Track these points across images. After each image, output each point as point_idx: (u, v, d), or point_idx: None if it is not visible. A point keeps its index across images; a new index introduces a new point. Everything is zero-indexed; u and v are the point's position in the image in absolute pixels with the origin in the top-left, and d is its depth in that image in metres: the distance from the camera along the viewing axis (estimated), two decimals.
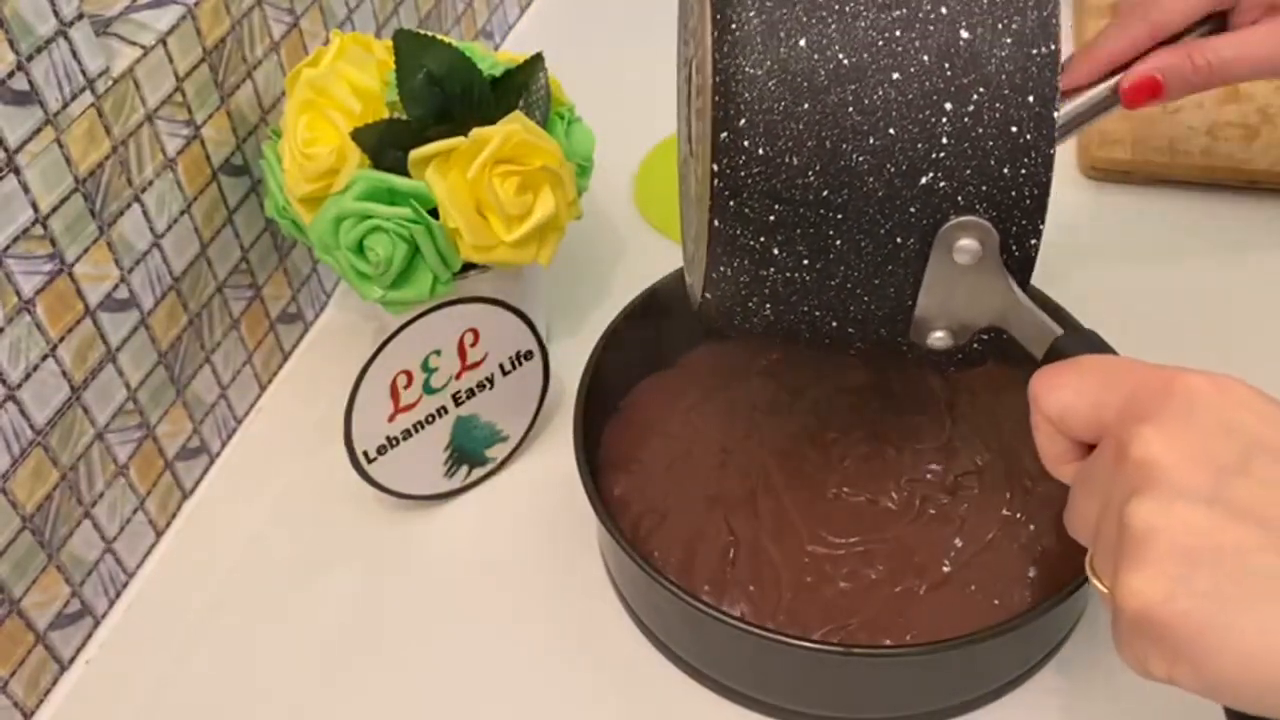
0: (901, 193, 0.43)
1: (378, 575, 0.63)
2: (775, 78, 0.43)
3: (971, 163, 0.43)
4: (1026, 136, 0.43)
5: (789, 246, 0.45)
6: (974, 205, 0.44)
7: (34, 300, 0.53)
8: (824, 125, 0.43)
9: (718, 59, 0.43)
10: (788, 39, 0.43)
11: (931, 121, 0.43)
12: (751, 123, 0.43)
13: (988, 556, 0.57)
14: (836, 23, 0.43)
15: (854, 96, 0.42)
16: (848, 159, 0.43)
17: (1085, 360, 0.42)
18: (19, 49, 0.50)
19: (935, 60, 0.42)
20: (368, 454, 0.61)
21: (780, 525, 0.59)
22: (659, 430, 0.64)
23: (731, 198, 0.44)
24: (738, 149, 0.43)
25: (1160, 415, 0.37)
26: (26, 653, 0.57)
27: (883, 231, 0.44)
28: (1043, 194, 0.44)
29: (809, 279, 0.46)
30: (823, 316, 0.48)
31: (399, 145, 0.60)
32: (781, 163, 0.43)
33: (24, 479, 0.55)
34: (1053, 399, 0.41)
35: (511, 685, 0.58)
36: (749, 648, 0.53)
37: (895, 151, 0.43)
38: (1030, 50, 0.42)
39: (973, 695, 0.55)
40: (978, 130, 0.43)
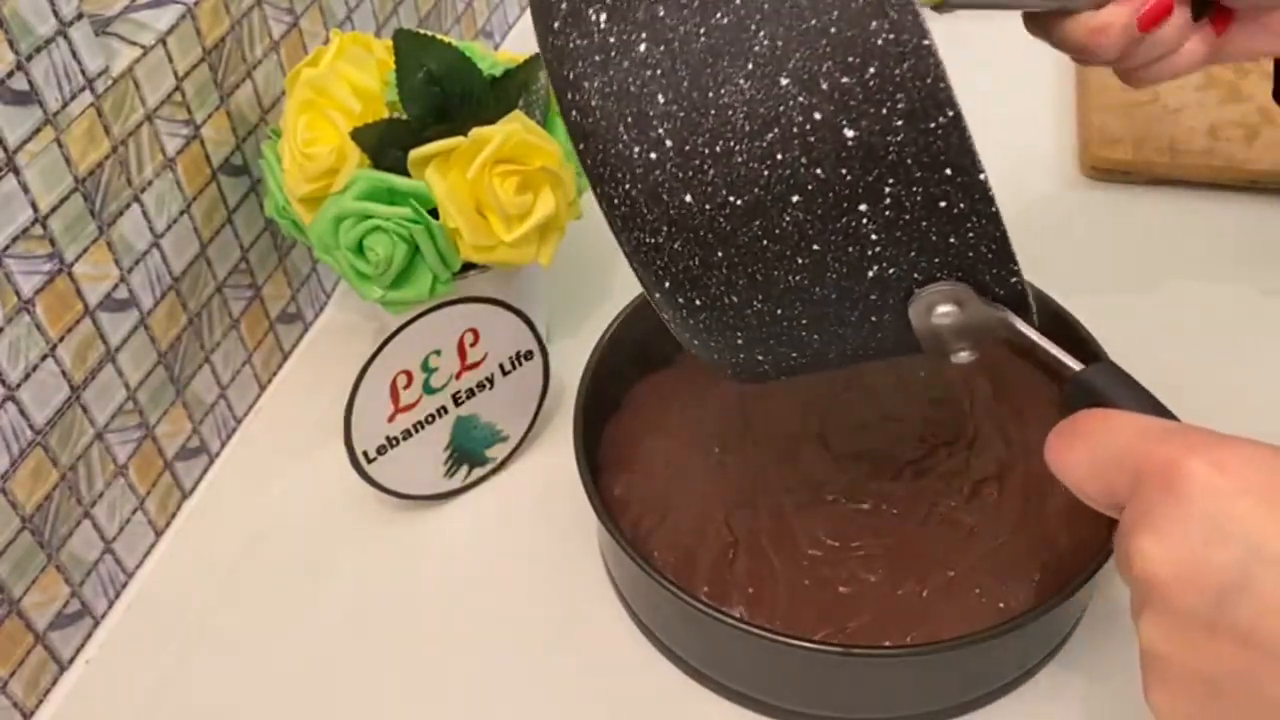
0: (854, 289, 0.42)
1: (378, 575, 0.63)
2: (678, 240, 0.41)
3: (913, 246, 0.40)
4: (960, 207, 0.39)
5: (770, 353, 0.45)
6: (934, 275, 0.41)
7: (33, 300, 0.53)
8: (746, 263, 0.41)
9: (618, 234, 0.42)
10: (671, 199, 0.40)
11: (853, 227, 0.40)
12: (676, 283, 0.42)
13: (996, 561, 0.56)
14: (714, 167, 0.40)
15: (763, 230, 0.40)
16: (784, 282, 0.41)
17: (1091, 428, 0.40)
18: (19, 49, 0.50)
19: (830, 170, 0.39)
20: (368, 454, 0.61)
21: (779, 527, 0.58)
22: (658, 429, 0.64)
23: (693, 339, 0.44)
24: (674, 304, 0.43)
25: (1158, 521, 0.35)
26: (26, 653, 0.57)
27: (853, 318, 0.43)
28: (1002, 244, 0.41)
29: (806, 360, 0.46)
30: (840, 362, 0.47)
31: (399, 145, 0.60)
32: (723, 305, 0.42)
33: (23, 479, 0.54)
34: (1067, 475, 0.40)
35: (511, 685, 0.58)
36: (749, 648, 0.53)
37: (829, 261, 0.41)
38: (926, 125, 0.38)
39: (973, 696, 0.55)
40: (904, 218, 0.39)
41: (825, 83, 0.38)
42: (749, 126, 0.39)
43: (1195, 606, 0.34)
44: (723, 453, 0.62)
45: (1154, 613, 0.35)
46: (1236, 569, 0.33)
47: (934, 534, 0.58)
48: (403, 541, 0.64)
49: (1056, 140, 0.85)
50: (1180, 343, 0.70)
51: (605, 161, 0.41)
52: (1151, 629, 0.35)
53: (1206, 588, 0.34)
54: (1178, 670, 0.34)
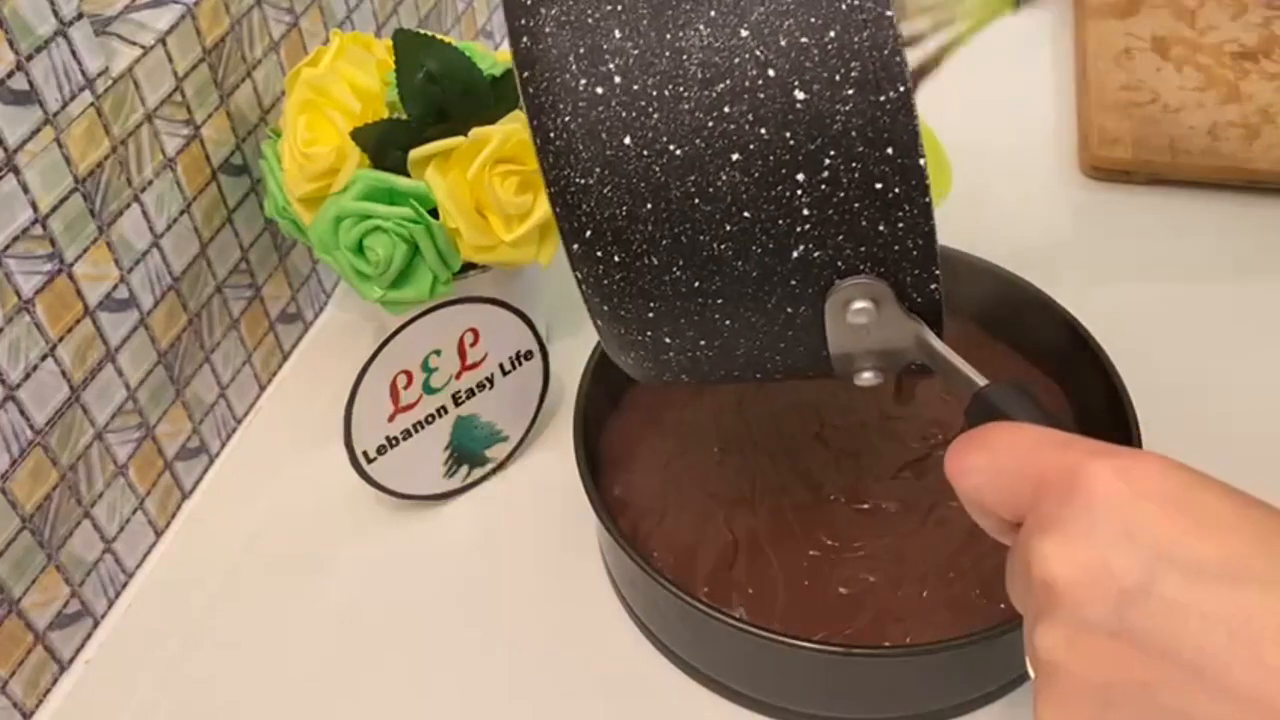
0: (776, 270, 0.40)
1: (377, 575, 0.63)
2: (609, 184, 0.39)
3: (841, 229, 0.39)
4: (895, 191, 0.39)
5: (680, 334, 0.43)
6: (857, 266, 0.40)
7: (33, 300, 0.53)
8: (673, 221, 0.40)
9: (546, 170, 0.40)
10: (610, 139, 0.39)
11: (786, 196, 0.39)
12: (598, 232, 0.40)
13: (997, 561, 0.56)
14: (659, 111, 0.39)
15: (696, 187, 0.39)
16: (708, 249, 0.40)
17: (995, 437, 0.38)
18: (19, 49, 0.50)
19: (774, 131, 0.38)
20: (367, 454, 0.61)
21: (779, 527, 0.58)
22: (657, 429, 0.64)
23: (604, 303, 0.42)
24: (592, 258, 0.41)
25: (1060, 524, 0.34)
26: (26, 653, 0.57)
27: (770, 305, 0.42)
28: (929, 242, 0.40)
29: (712, 354, 0.44)
30: (744, 374, 0.46)
31: (399, 145, 0.60)
32: (642, 265, 0.41)
33: (23, 479, 0.54)
34: (965, 482, 0.38)
35: (511, 685, 0.58)
36: (749, 648, 0.53)
37: (756, 233, 0.40)
38: (877, 97, 0.38)
39: (973, 695, 0.55)
40: (839, 195, 0.39)
41: (784, 39, 0.38)
42: (701, 74, 0.38)
43: (1097, 611, 0.32)
44: (722, 453, 0.62)
45: (1052, 619, 0.33)
46: (1141, 571, 0.32)
47: (935, 534, 0.58)
48: (403, 541, 0.64)
49: (1056, 140, 0.85)
50: (1180, 342, 0.70)
51: (549, 91, 0.39)
52: (1047, 636, 0.33)
53: (1109, 592, 0.32)
54: (1071, 680, 0.32)
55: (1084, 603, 0.32)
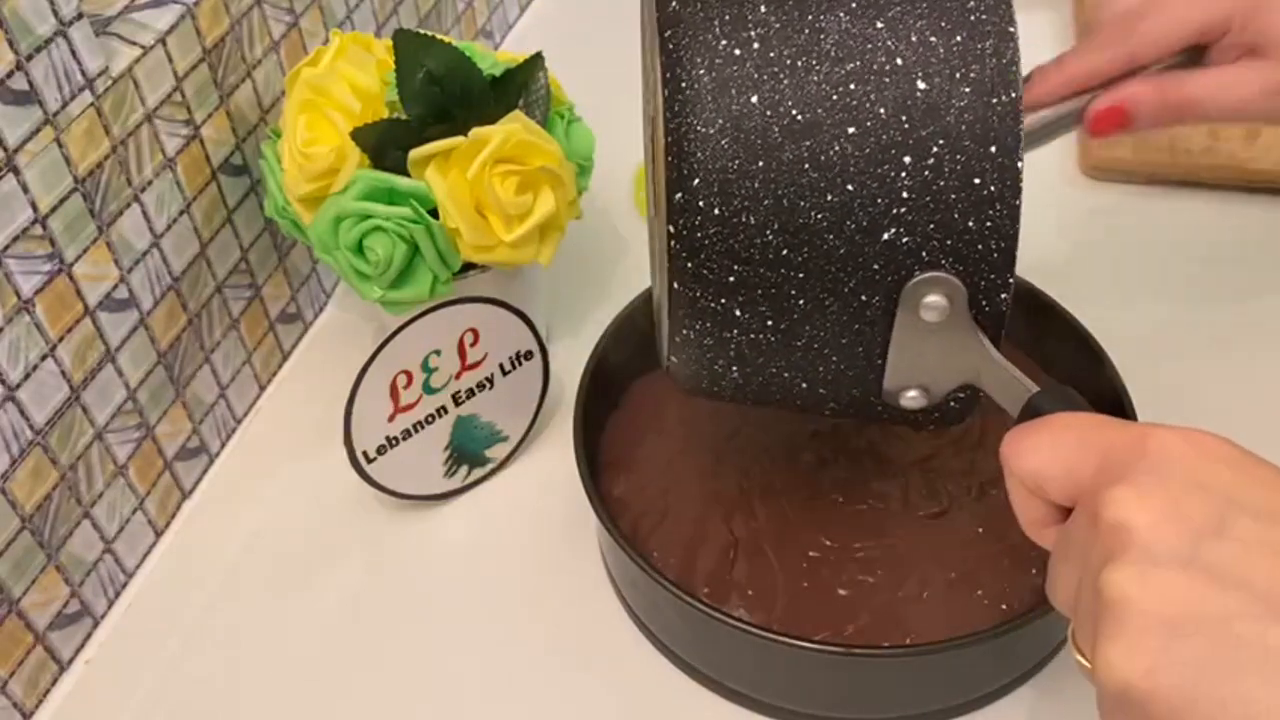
0: (864, 249, 0.42)
1: (378, 575, 0.63)
2: (728, 136, 0.42)
3: (934, 217, 0.42)
4: (990, 188, 0.41)
5: (751, 307, 0.44)
6: (939, 260, 0.42)
7: (33, 300, 0.53)
8: (780, 183, 0.42)
9: (669, 118, 0.42)
10: (739, 96, 0.42)
11: (890, 176, 0.41)
12: (705, 182, 0.42)
13: (999, 562, 0.56)
14: (789, 78, 0.41)
15: (809, 153, 0.41)
16: (806, 216, 0.42)
17: (1057, 419, 0.40)
18: (18, 49, 0.50)
19: (892, 113, 0.41)
20: (367, 454, 0.61)
21: (778, 528, 0.58)
22: (657, 429, 0.64)
23: (689, 259, 0.43)
24: (693, 209, 0.42)
25: (1133, 476, 0.35)
26: (26, 653, 0.57)
27: (846, 289, 0.43)
28: (1010, 246, 0.42)
29: (774, 340, 0.45)
30: (791, 378, 0.47)
31: (399, 145, 0.60)
32: (738, 222, 0.42)
33: (23, 479, 0.54)
34: (1025, 462, 0.39)
35: (511, 685, 0.58)
36: (749, 648, 0.53)
37: (855, 208, 0.42)
38: (990, 99, 0.41)
39: (973, 696, 0.55)
40: (939, 183, 0.41)
41: (915, 36, 0.42)
42: (835, 52, 0.42)
43: (1172, 547, 0.33)
44: (721, 453, 0.62)
45: (1124, 558, 0.34)
46: (1213, 513, 0.34)
47: (935, 535, 0.58)
48: (403, 541, 0.64)
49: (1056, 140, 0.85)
50: (1180, 342, 0.70)
51: (689, 46, 0.42)
52: (1120, 574, 0.34)
53: (1183, 530, 0.34)
54: (1143, 615, 0.33)
55: (1158, 540, 0.34)
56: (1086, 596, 0.36)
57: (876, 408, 0.48)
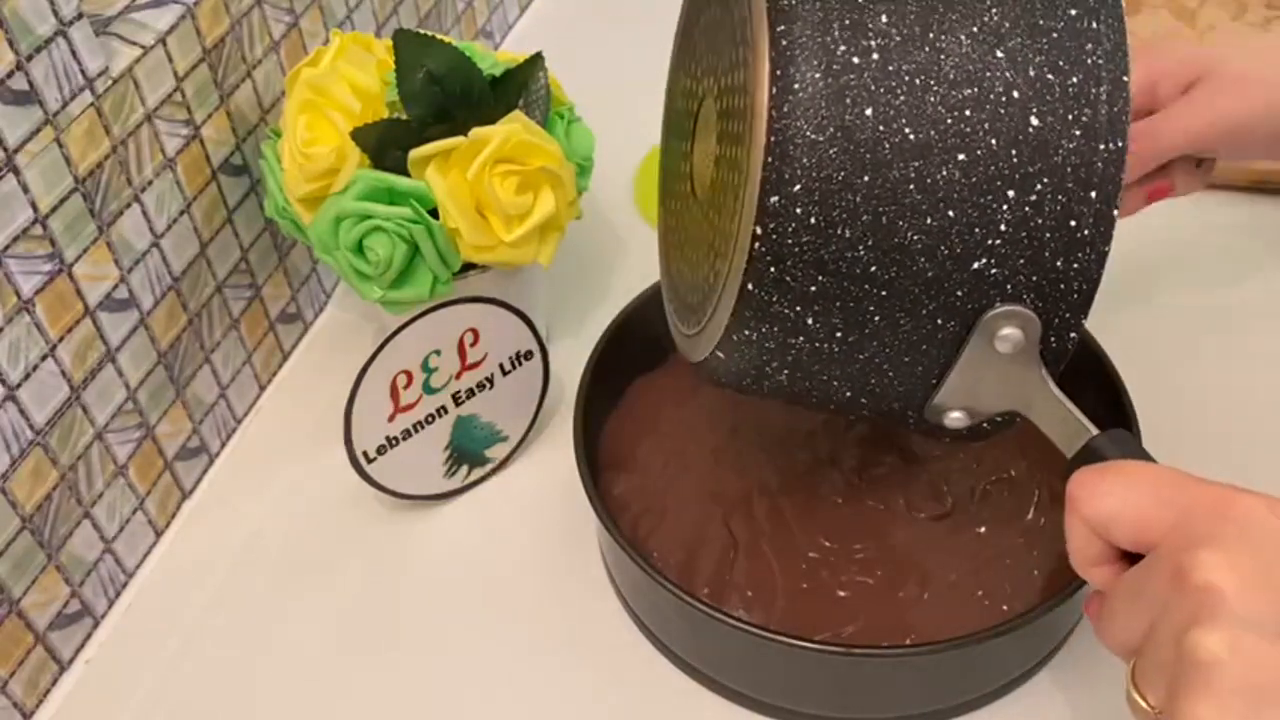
0: (952, 275, 0.42)
1: (377, 575, 0.63)
2: (837, 145, 0.40)
3: (1027, 253, 0.42)
4: (1085, 232, 0.42)
5: (825, 318, 0.43)
6: (1022, 295, 0.43)
7: (33, 300, 0.53)
8: (882, 200, 0.41)
9: (775, 117, 0.40)
10: (854, 106, 0.40)
11: (993, 207, 0.41)
12: (807, 189, 0.41)
13: (1001, 564, 0.56)
14: (906, 95, 0.41)
15: (917, 174, 0.41)
16: (902, 237, 0.41)
17: (1132, 467, 0.41)
18: (19, 49, 0.50)
19: (1003, 145, 0.41)
20: (367, 454, 0.61)
21: (777, 528, 0.58)
22: (657, 429, 0.64)
23: (774, 264, 0.42)
24: (788, 215, 0.41)
25: (1220, 540, 0.36)
26: (26, 653, 0.57)
27: (925, 312, 0.43)
28: (1092, 289, 0.43)
29: (838, 351, 0.44)
30: (840, 387, 0.47)
31: (399, 145, 0.60)
32: (833, 234, 0.41)
33: (24, 479, 0.54)
34: (1098, 505, 0.40)
35: (511, 684, 0.58)
36: (749, 648, 0.53)
37: (952, 234, 0.41)
38: (1099, 145, 0.41)
39: (973, 696, 0.55)
40: (1037, 220, 0.41)
41: (1033, 71, 0.41)
42: (954, 76, 0.41)
43: (1262, 615, 0.35)
44: (720, 453, 0.62)
45: (1214, 622, 0.35)
46: None
47: (937, 536, 0.58)
48: (403, 541, 0.64)
49: None
50: (1180, 342, 0.70)
51: (806, 46, 0.41)
52: (1210, 638, 0.35)
53: (1273, 597, 0.35)
54: (1233, 679, 0.34)
55: (1249, 607, 0.35)
56: (1163, 649, 0.37)
57: (910, 420, 0.48)
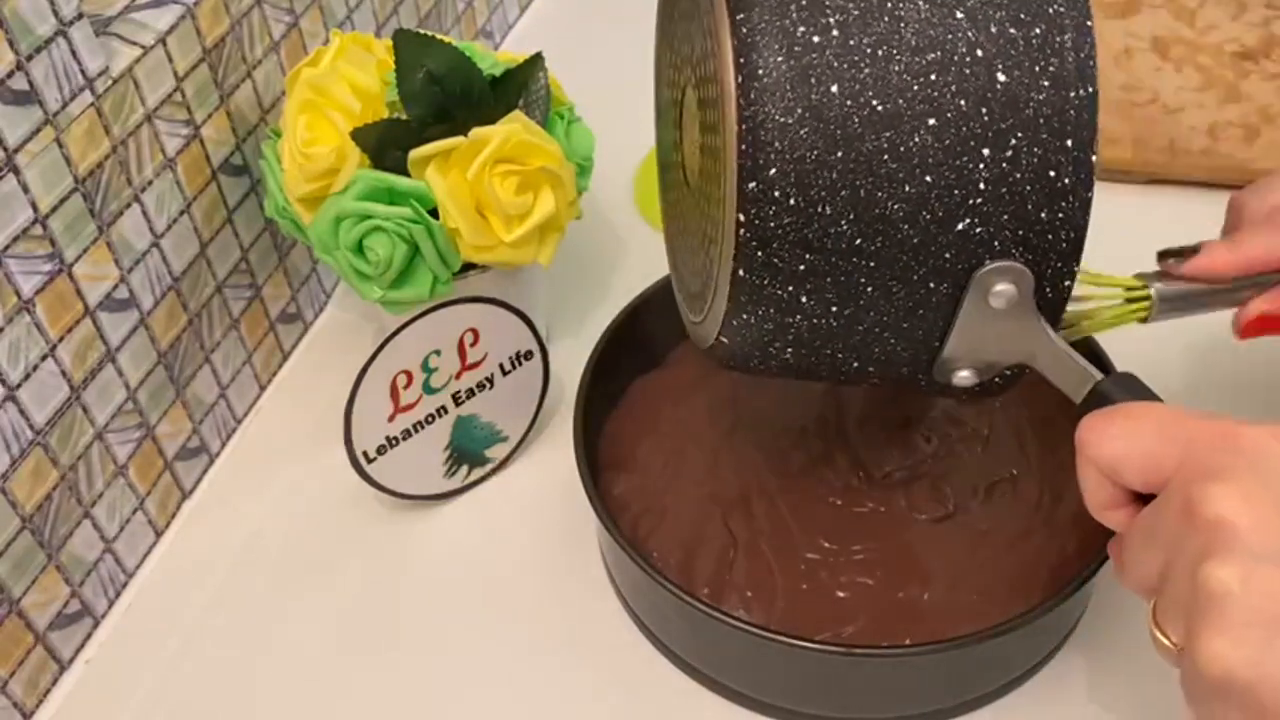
0: (937, 239, 0.42)
1: (377, 575, 0.63)
2: (807, 125, 0.41)
3: (1009, 208, 0.42)
4: (1065, 180, 0.42)
5: (818, 294, 0.44)
6: (1010, 250, 0.43)
7: (33, 300, 0.53)
8: (858, 174, 0.41)
9: (743, 105, 0.41)
10: (819, 85, 0.41)
11: (969, 168, 0.41)
12: (782, 172, 0.41)
13: (1002, 564, 0.56)
14: (870, 68, 0.41)
15: (889, 144, 0.41)
16: (883, 207, 0.41)
17: (1136, 408, 0.41)
18: (19, 49, 0.50)
19: (972, 105, 0.41)
20: (367, 454, 0.61)
21: (776, 529, 0.58)
22: (657, 429, 0.64)
23: (760, 248, 0.42)
24: (767, 199, 0.41)
25: (1229, 472, 0.36)
26: (26, 653, 0.57)
27: (916, 277, 0.43)
28: (1079, 236, 0.43)
29: (836, 324, 0.45)
30: (846, 358, 0.47)
31: (399, 145, 0.60)
32: (814, 212, 0.41)
33: (24, 479, 0.54)
34: (1105, 448, 0.41)
35: (511, 684, 0.58)
36: (749, 648, 0.53)
37: (931, 199, 0.42)
38: (1068, 93, 0.41)
39: (973, 695, 0.55)
40: (1015, 175, 0.42)
41: (995, 27, 0.41)
42: (915, 42, 0.41)
43: (1276, 546, 0.35)
44: (719, 453, 0.62)
45: (1226, 555, 0.35)
46: None
47: (939, 537, 0.58)
48: (403, 541, 0.64)
49: None
50: (1180, 342, 0.70)
51: (765, 31, 0.41)
52: (1223, 570, 0.35)
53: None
54: (1246, 610, 0.34)
55: (1262, 539, 0.35)
56: (1178, 585, 0.37)
57: (921, 383, 0.48)
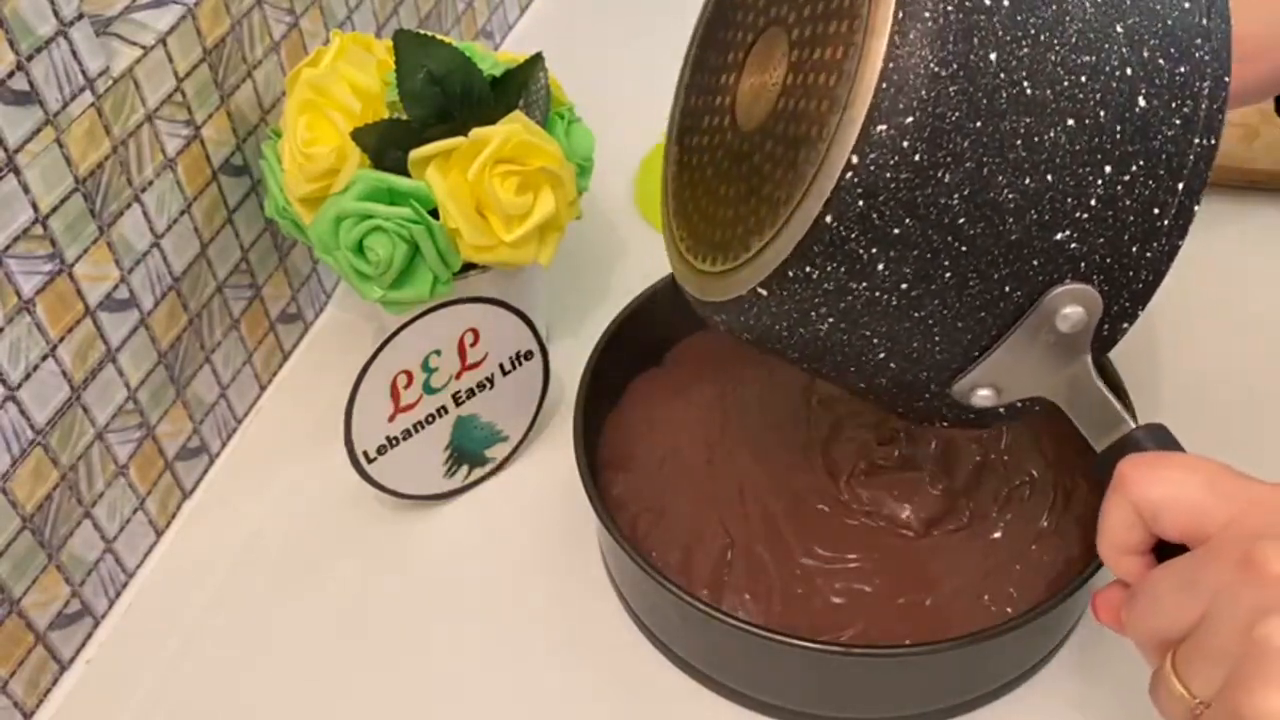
0: (1033, 243, 0.41)
1: (377, 575, 0.63)
2: (958, 84, 0.38)
3: (1108, 232, 0.41)
4: (1165, 222, 0.42)
5: (897, 266, 0.41)
6: (1092, 275, 0.42)
7: (34, 300, 0.53)
8: (989, 151, 0.39)
9: (897, 43, 0.38)
10: (980, 48, 0.39)
11: (1088, 180, 0.41)
12: (919, 123, 0.38)
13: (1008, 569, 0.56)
14: (1030, 49, 0.39)
15: (1026, 130, 0.40)
16: (998, 193, 0.40)
17: (1189, 459, 0.41)
18: (19, 49, 0.50)
19: (1110, 119, 0.40)
20: (368, 454, 0.61)
21: (770, 531, 0.58)
22: (656, 429, 0.64)
23: (863, 198, 0.39)
24: (892, 147, 0.38)
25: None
26: (26, 653, 0.57)
27: (997, 276, 0.42)
28: (1156, 282, 0.43)
29: (895, 305, 0.43)
30: (876, 345, 0.45)
31: (399, 145, 0.60)
32: (932, 176, 0.39)
33: (24, 479, 0.55)
34: (1151, 490, 0.40)
35: (511, 684, 0.58)
36: (749, 648, 0.53)
37: (1045, 199, 0.40)
38: (1193, 139, 0.41)
39: (973, 695, 0.55)
40: (1125, 201, 0.41)
41: (1146, 52, 0.41)
42: (1075, 39, 0.40)
43: None
44: (708, 449, 0.62)
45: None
46: None
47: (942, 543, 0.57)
48: (403, 541, 0.64)
49: None
50: (1179, 342, 0.70)
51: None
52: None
53: None
54: None
55: None
56: (1220, 638, 0.37)
57: (927, 394, 0.47)
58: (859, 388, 0.48)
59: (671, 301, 0.65)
